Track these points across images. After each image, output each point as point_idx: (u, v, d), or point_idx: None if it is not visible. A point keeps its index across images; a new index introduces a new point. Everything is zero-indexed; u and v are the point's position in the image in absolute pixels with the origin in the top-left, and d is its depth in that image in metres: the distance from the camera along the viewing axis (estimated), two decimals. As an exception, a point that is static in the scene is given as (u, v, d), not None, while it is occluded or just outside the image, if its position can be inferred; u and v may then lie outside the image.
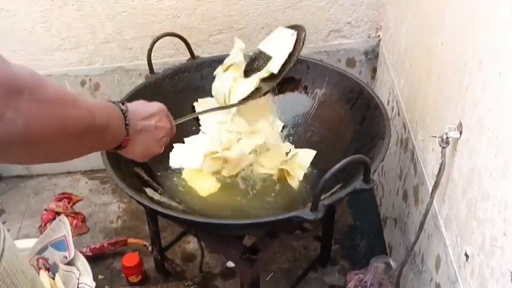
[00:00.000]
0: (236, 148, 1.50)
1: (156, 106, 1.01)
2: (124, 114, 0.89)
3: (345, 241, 1.92)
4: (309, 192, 1.45)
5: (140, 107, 0.97)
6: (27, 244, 1.70)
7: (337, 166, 1.07)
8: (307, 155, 1.53)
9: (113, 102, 0.91)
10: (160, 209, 1.20)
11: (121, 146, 0.91)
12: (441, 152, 1.15)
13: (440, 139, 1.14)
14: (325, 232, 1.76)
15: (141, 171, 1.40)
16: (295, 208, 1.30)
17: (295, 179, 1.48)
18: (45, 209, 2.00)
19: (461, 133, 1.10)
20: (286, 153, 1.54)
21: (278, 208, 1.41)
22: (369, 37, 1.98)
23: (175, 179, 1.49)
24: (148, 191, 1.34)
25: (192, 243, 1.91)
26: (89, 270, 1.65)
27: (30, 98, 0.60)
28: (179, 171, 1.51)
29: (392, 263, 1.51)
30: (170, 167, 1.51)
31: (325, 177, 1.07)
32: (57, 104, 0.67)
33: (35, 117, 0.62)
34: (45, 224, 1.93)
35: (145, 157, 1.02)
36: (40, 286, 0.98)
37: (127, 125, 0.89)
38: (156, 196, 1.35)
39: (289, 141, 1.60)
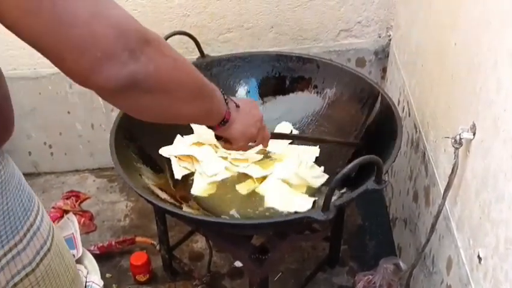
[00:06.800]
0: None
1: (247, 99, 1.07)
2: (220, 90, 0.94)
3: (353, 241, 1.90)
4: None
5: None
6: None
7: (349, 166, 1.06)
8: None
9: None
10: (169, 207, 1.19)
11: (224, 119, 0.95)
12: (454, 152, 1.13)
13: (453, 140, 1.12)
14: (334, 232, 1.75)
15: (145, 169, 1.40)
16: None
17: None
18: (53, 207, 1.99)
19: (474, 134, 1.09)
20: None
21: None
22: (380, 37, 1.97)
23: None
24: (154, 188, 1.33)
25: (199, 242, 1.90)
26: (97, 268, 1.64)
27: (157, 49, 0.68)
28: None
29: (401, 264, 1.50)
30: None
31: (337, 178, 1.05)
32: (179, 59, 0.75)
33: (163, 66, 0.69)
34: (53, 222, 1.92)
35: (244, 136, 1.05)
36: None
37: (225, 99, 0.94)
38: (164, 195, 1.34)
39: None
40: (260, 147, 1.25)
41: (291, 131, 1.62)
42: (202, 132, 1.51)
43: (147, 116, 0.76)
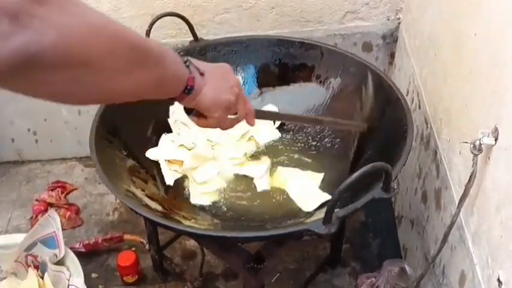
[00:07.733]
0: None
1: (217, 63, 0.92)
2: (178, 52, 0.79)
3: (356, 240, 1.79)
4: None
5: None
6: (16, 240, 1.58)
7: (354, 176, 0.95)
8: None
9: None
10: (155, 218, 1.10)
11: (188, 87, 0.80)
12: (473, 159, 1.01)
13: (472, 145, 1.00)
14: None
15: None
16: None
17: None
18: (37, 200, 1.87)
19: (496, 139, 0.97)
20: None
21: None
22: (388, 20, 1.83)
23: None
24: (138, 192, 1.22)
25: (192, 240, 1.78)
26: (81, 270, 1.52)
27: (57, 9, 0.52)
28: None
29: (407, 268, 1.39)
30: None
31: (340, 188, 0.95)
32: (96, 19, 0.60)
33: (69, 29, 0.54)
34: (36, 216, 1.80)
35: (219, 104, 0.89)
36: None
37: (185, 62, 0.79)
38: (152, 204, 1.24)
39: (297, 139, 1.47)
40: (244, 126, 1.08)
41: None
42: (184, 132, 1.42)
43: (68, 99, 0.61)
